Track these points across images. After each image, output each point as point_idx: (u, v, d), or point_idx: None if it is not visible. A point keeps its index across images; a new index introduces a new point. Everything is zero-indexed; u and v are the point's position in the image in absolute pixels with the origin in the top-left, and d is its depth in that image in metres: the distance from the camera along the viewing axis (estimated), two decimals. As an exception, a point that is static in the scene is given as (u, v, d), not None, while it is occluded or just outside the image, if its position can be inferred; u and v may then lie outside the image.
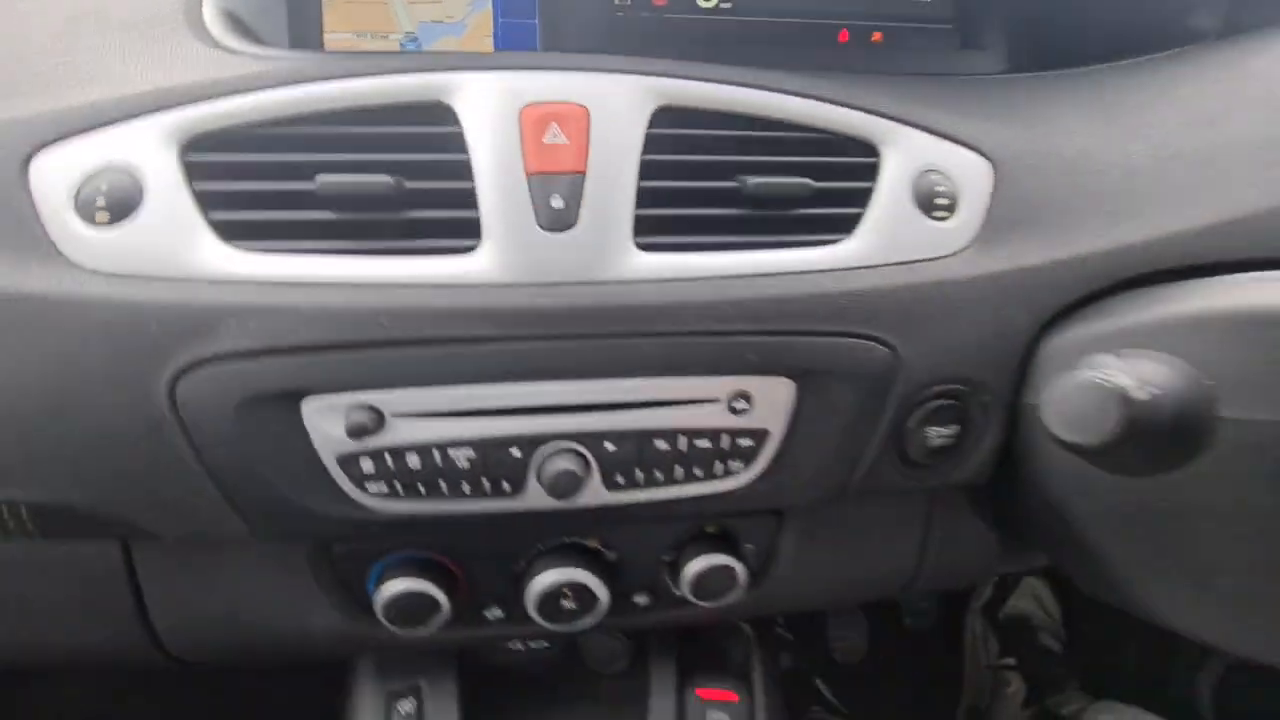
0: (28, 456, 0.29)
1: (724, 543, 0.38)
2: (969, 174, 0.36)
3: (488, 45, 0.49)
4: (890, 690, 0.87)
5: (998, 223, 0.35)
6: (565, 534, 0.37)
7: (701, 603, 0.38)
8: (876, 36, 0.52)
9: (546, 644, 0.46)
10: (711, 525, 0.38)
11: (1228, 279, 0.32)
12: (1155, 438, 0.22)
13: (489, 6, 0.49)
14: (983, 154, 0.36)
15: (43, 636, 0.35)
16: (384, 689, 0.43)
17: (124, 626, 0.35)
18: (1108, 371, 0.23)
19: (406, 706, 0.42)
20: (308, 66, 0.33)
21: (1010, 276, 0.34)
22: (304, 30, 0.46)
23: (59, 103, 0.32)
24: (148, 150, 0.30)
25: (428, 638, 0.38)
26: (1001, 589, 0.91)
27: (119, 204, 0.30)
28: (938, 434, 0.35)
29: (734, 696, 0.45)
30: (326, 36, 0.47)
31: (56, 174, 0.30)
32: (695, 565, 0.37)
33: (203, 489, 0.30)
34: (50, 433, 0.29)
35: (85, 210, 0.29)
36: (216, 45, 0.37)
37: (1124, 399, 0.22)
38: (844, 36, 0.52)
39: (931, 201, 0.35)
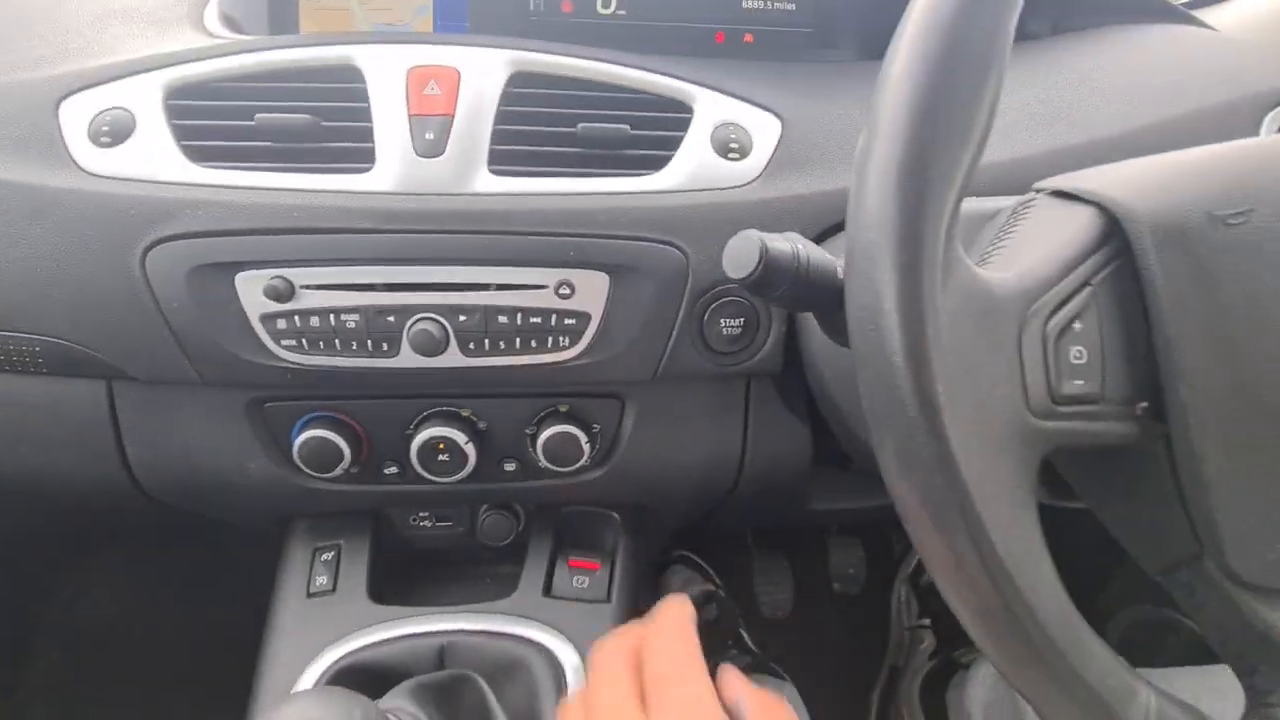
0: (45, 304, 0.41)
1: (575, 420, 0.48)
2: (761, 127, 0.46)
3: (429, 28, 0.61)
4: (815, 646, 0.93)
5: (780, 164, 0.45)
6: (437, 402, 0.47)
7: (556, 468, 0.48)
8: (748, 38, 0.63)
9: (450, 523, 0.56)
10: (564, 405, 0.48)
11: None
12: (785, 274, 0.31)
13: (429, 13, 0.61)
14: (774, 113, 0.47)
15: (39, 464, 0.47)
16: (311, 544, 0.53)
17: (105, 459, 0.46)
18: (762, 236, 0.33)
19: (326, 556, 0.52)
20: (260, 43, 0.45)
21: (784, 202, 0.44)
22: (283, 24, 0.59)
23: (86, 64, 0.44)
24: (141, 96, 0.42)
25: (336, 490, 0.49)
26: (926, 558, 0.97)
27: (118, 133, 0.42)
28: (728, 325, 0.44)
29: (596, 565, 0.54)
30: (302, 22, 0.60)
31: (77, 112, 0.42)
32: (546, 432, 0.47)
33: (164, 338, 0.41)
34: (61, 286, 0.40)
35: (94, 137, 0.42)
36: (209, 35, 0.50)
37: (764, 245, 0.32)
38: (720, 38, 0.63)
39: (726, 147, 0.45)
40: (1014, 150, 0.48)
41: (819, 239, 0.44)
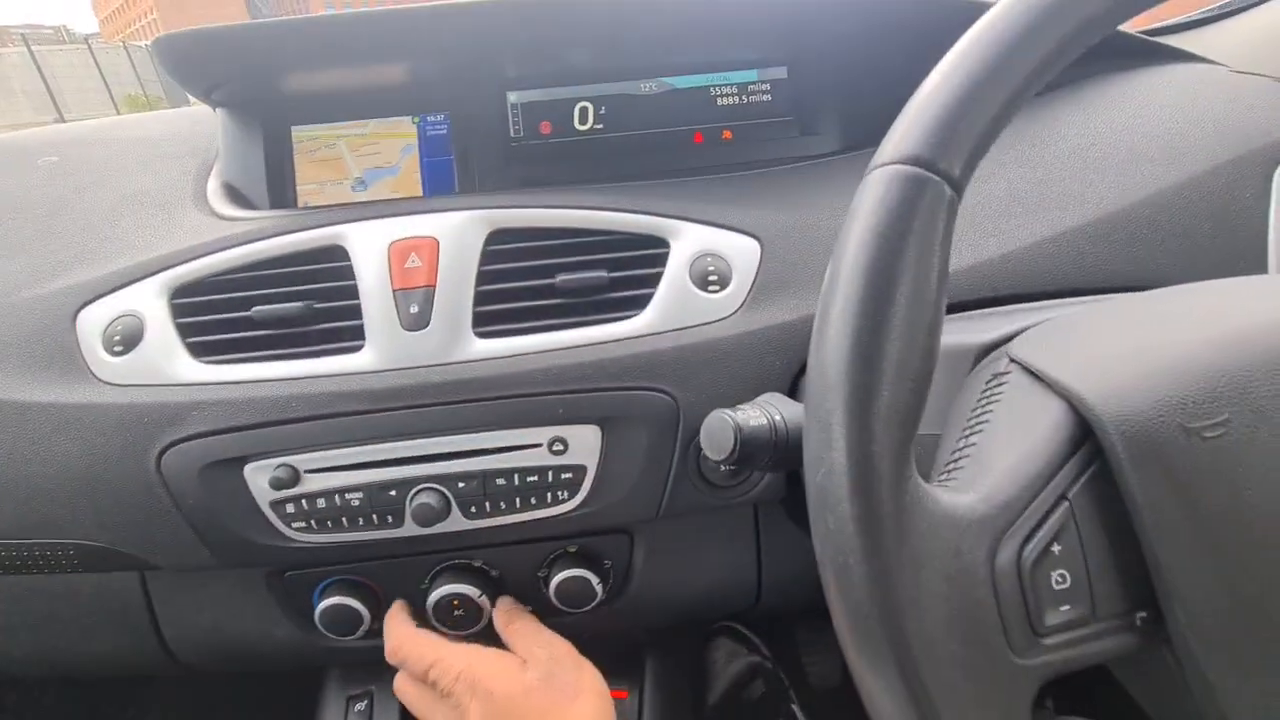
0: (74, 512, 0.43)
1: (585, 560, 0.48)
2: (739, 253, 0.46)
3: (416, 181, 0.64)
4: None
5: (762, 289, 0.45)
6: (449, 556, 0.47)
7: (570, 610, 0.48)
8: (726, 135, 0.63)
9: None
10: (574, 546, 0.48)
11: None
12: (763, 446, 0.31)
13: (415, 152, 0.64)
14: (753, 235, 0.46)
15: (76, 649, 0.49)
16: (345, 693, 0.54)
17: (143, 639, 0.48)
18: (734, 410, 0.33)
19: (360, 706, 0.53)
20: (253, 229, 0.47)
21: (769, 332, 0.44)
22: (280, 188, 0.61)
23: (100, 272, 0.47)
24: (148, 301, 0.45)
25: (361, 647, 0.50)
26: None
27: (128, 339, 0.44)
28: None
29: (624, 694, 0.53)
30: (299, 187, 0.63)
31: (91, 322, 0.45)
32: (557, 578, 0.47)
33: (182, 530, 0.43)
34: (86, 494, 0.43)
35: (108, 345, 0.44)
36: (211, 213, 0.53)
37: (737, 426, 0.31)
38: (698, 138, 0.63)
39: (705, 280, 0.45)
40: (1003, 245, 0.46)
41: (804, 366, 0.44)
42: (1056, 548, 0.23)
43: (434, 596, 0.46)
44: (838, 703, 0.92)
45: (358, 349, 0.43)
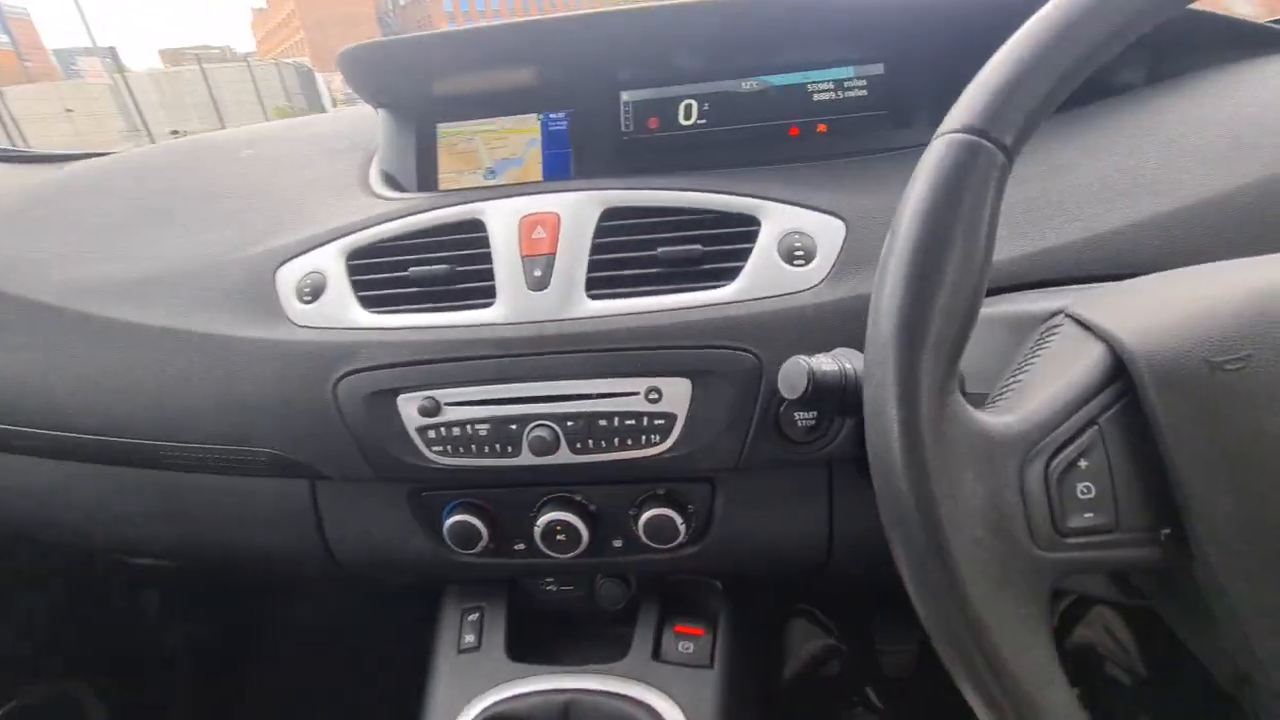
0: (269, 425, 0.54)
1: (672, 502, 0.54)
2: (825, 231, 0.50)
3: (538, 170, 0.72)
4: (940, 710, 0.89)
5: (845, 265, 0.49)
6: (555, 490, 0.55)
7: (655, 546, 0.54)
8: (821, 128, 0.67)
9: (571, 587, 0.64)
10: (662, 489, 0.54)
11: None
12: (833, 391, 0.35)
13: (538, 145, 0.72)
14: (838, 216, 0.51)
15: (254, 544, 0.61)
16: (460, 606, 0.63)
17: (309, 539, 0.59)
18: (811, 357, 0.37)
19: (472, 617, 0.62)
20: (409, 206, 0.57)
21: (848, 302, 0.48)
22: (427, 175, 0.72)
23: (293, 238, 0.59)
24: (330, 261, 0.56)
25: (479, 563, 0.58)
26: (1069, 618, 0.90)
27: (315, 291, 0.55)
28: (802, 418, 0.48)
29: (700, 632, 0.59)
30: (440, 175, 0.73)
31: (287, 277, 0.56)
32: (647, 514, 0.53)
33: (348, 446, 0.53)
34: (279, 412, 0.54)
35: (299, 295, 0.55)
36: (373, 194, 0.63)
37: (810, 370, 0.36)
38: (794, 132, 0.68)
39: (791, 255, 0.50)
40: (1089, 228, 0.48)
41: None
42: (1084, 463, 0.26)
43: (541, 522, 0.54)
44: (910, 692, 0.93)
45: (489, 304, 0.52)
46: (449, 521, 0.55)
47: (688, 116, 0.69)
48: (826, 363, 0.37)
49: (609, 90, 0.69)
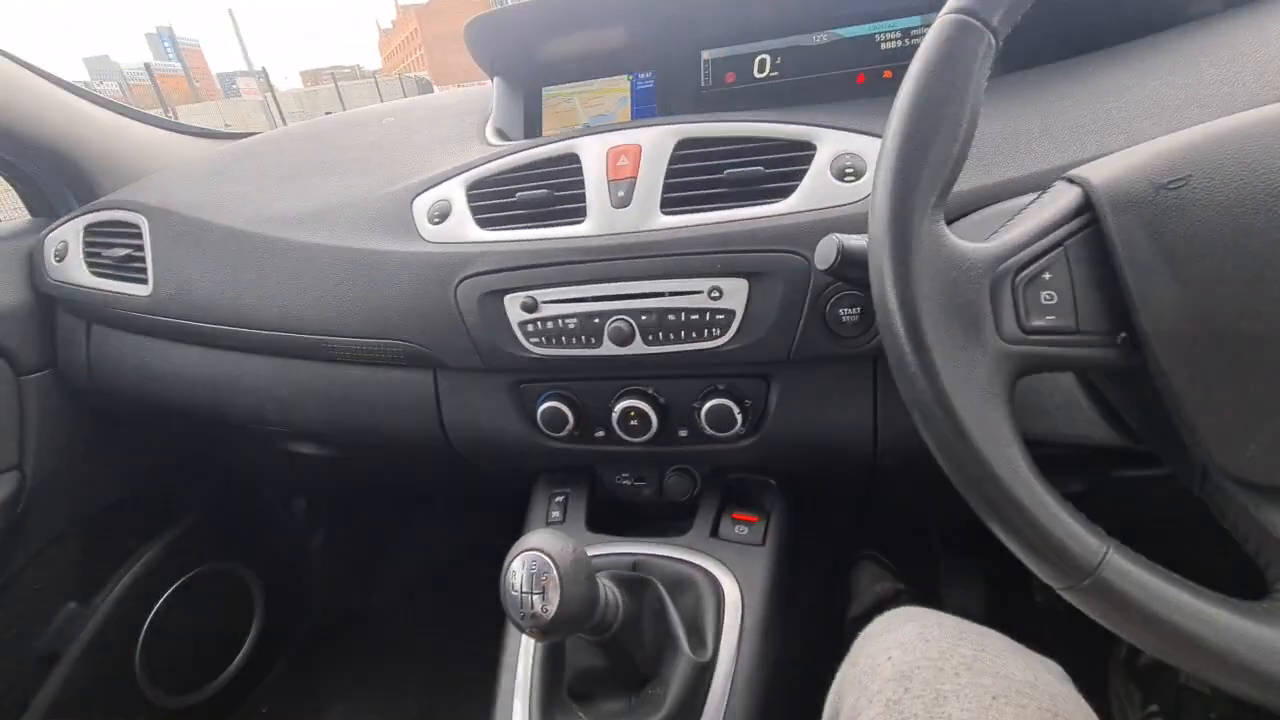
0: (406, 321, 0.67)
1: (731, 395, 0.62)
2: (875, 151, 0.56)
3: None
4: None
5: None
6: (630, 383, 0.64)
7: (717, 434, 0.62)
8: (887, 74, 0.72)
9: (644, 482, 0.73)
10: (722, 384, 0.62)
11: None
12: (858, 264, 0.42)
13: (629, 104, 0.82)
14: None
15: (387, 425, 0.74)
16: (549, 491, 0.74)
17: (430, 423, 0.72)
18: (840, 236, 0.43)
19: (559, 498, 0.72)
20: (518, 146, 0.68)
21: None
22: (533, 131, 0.84)
23: (425, 175, 0.72)
24: (454, 191, 0.68)
25: (566, 448, 0.68)
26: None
27: (442, 214, 0.67)
28: (847, 313, 0.55)
29: (754, 519, 0.66)
30: (545, 130, 0.85)
31: (421, 204, 0.69)
32: (708, 404, 0.61)
33: (465, 340, 0.65)
34: (414, 310, 0.66)
35: (430, 218, 0.68)
36: (488, 144, 0.76)
37: (840, 244, 0.42)
38: (860, 79, 0.73)
39: (843, 173, 0.56)
40: (1131, 138, 0.51)
41: None
42: (1048, 275, 0.31)
43: (617, 409, 0.63)
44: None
45: (581, 221, 0.62)
46: (542, 408, 0.66)
47: (761, 70, 0.77)
48: (856, 240, 0.44)
49: (691, 49, 0.78)
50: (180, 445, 1.07)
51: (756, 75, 0.77)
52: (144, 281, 0.81)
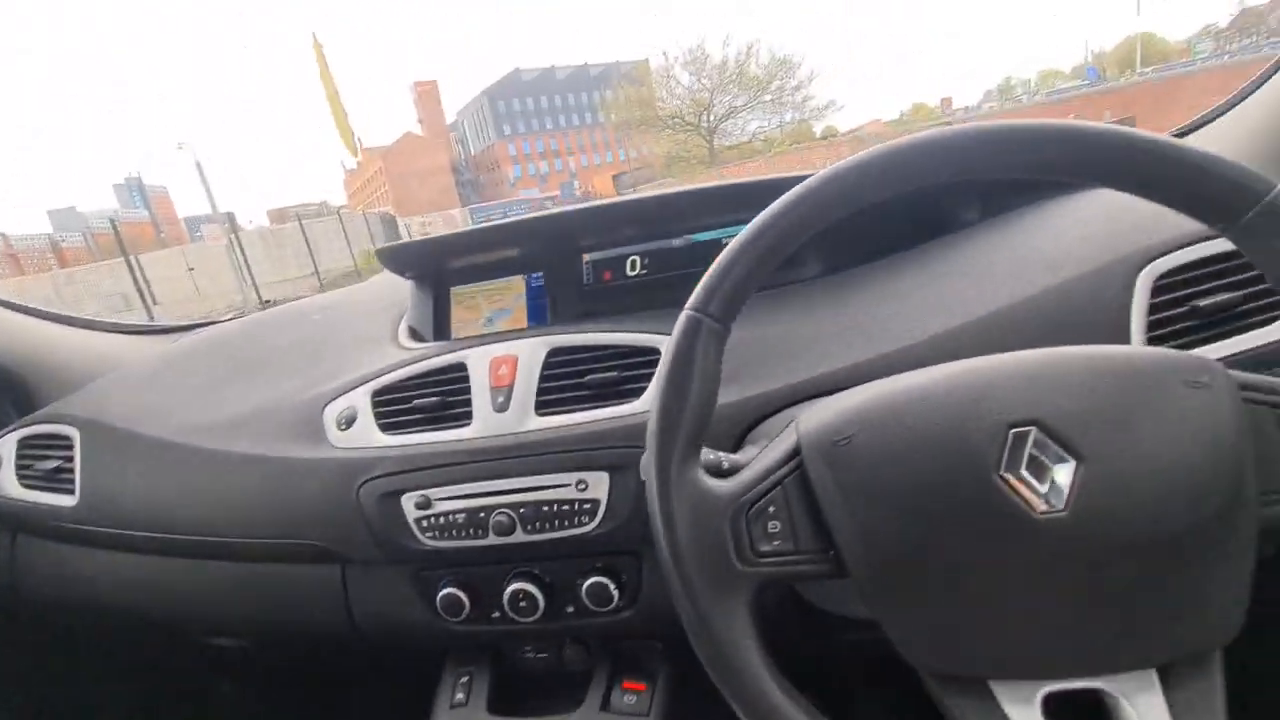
0: (314, 524, 0.73)
1: (608, 573, 0.68)
2: (707, 356, 0.67)
3: (524, 316, 0.94)
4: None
5: (723, 380, 0.65)
6: (518, 566, 0.70)
7: (596, 609, 0.68)
8: (733, 271, 0.86)
9: (545, 655, 0.77)
10: (600, 562, 0.69)
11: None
12: None
13: (524, 299, 0.94)
14: None
15: (296, 620, 0.78)
16: (455, 670, 0.77)
17: (340, 616, 0.76)
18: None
19: (464, 678, 0.76)
20: (417, 355, 0.78)
21: (723, 409, 0.63)
22: (441, 326, 0.95)
23: (338, 383, 0.81)
24: (361, 399, 0.77)
25: (465, 630, 0.73)
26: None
27: (349, 421, 0.76)
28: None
29: (643, 687, 0.70)
30: (452, 325, 0.96)
31: (331, 411, 0.77)
32: (587, 582, 0.68)
33: (368, 536, 0.71)
34: (320, 513, 0.73)
35: (339, 424, 0.76)
36: (400, 346, 0.86)
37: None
38: (713, 275, 0.87)
39: (681, 374, 0.67)
40: (900, 341, 0.63)
41: (744, 433, 0.63)
42: (772, 508, 0.40)
43: (508, 592, 0.69)
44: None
45: (468, 424, 0.71)
46: (440, 594, 0.71)
47: (633, 269, 0.90)
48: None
49: (574, 254, 0.92)
50: (100, 650, 1.06)
51: (629, 273, 0.90)
52: (70, 493, 0.86)
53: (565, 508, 0.66)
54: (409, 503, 0.70)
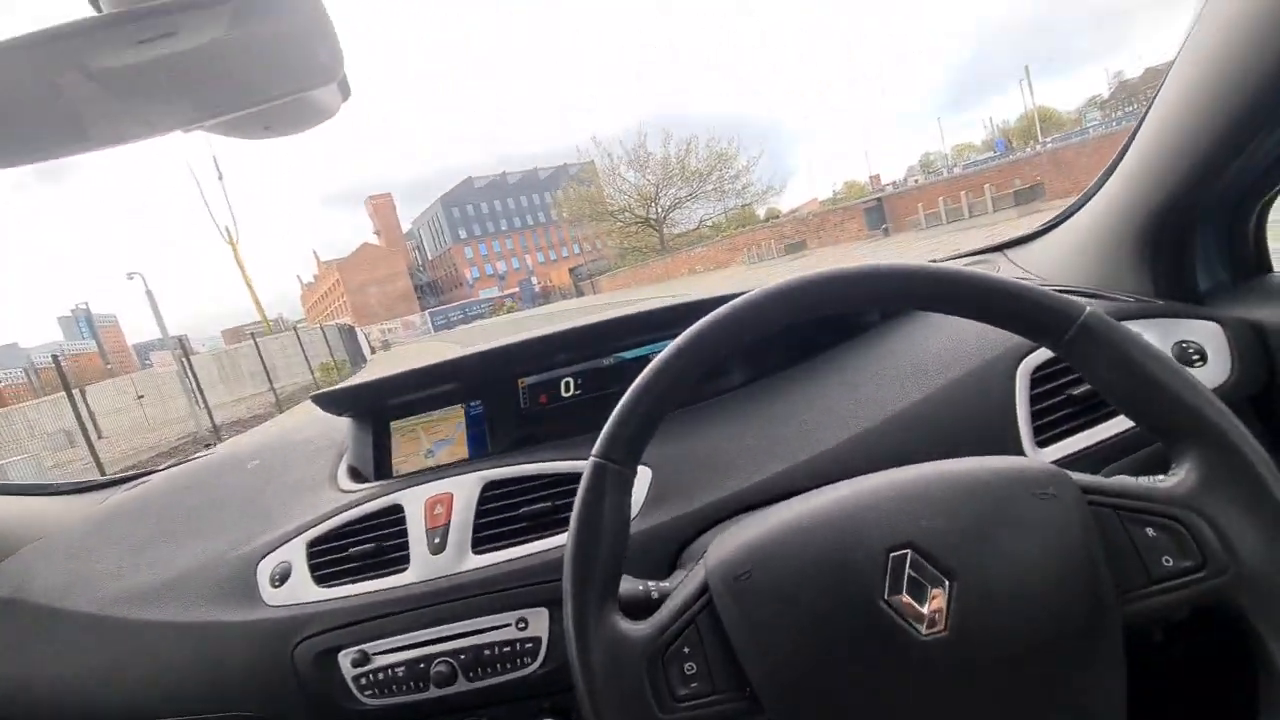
0: (246, 692, 0.70)
1: (558, 712, 0.67)
2: (639, 478, 0.69)
3: (464, 444, 0.95)
4: None
5: (652, 502, 0.67)
6: (464, 715, 0.68)
7: None
8: (663, 385, 0.90)
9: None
10: (547, 702, 0.67)
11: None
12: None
13: (464, 428, 0.96)
14: (647, 465, 0.70)
15: None
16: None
17: None
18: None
19: None
20: (354, 499, 0.78)
21: (657, 529, 0.65)
22: (382, 461, 0.95)
23: (272, 536, 0.79)
24: (295, 552, 0.76)
25: None
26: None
27: (283, 576, 0.74)
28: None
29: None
30: (394, 460, 0.96)
31: (264, 567, 0.76)
32: (537, 729, 0.66)
33: (302, 700, 0.68)
34: (253, 678, 0.70)
35: (272, 581, 0.74)
36: (338, 489, 0.85)
37: None
38: (643, 390, 0.90)
39: (613, 499, 0.68)
40: (821, 445, 0.66)
41: (678, 552, 0.64)
42: (687, 649, 0.41)
43: None
44: None
45: (405, 568, 0.70)
46: None
47: (567, 390, 0.93)
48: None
49: (511, 380, 0.94)
50: None
51: (564, 394, 0.93)
52: None
53: (507, 649, 0.65)
54: (345, 660, 0.68)
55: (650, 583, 0.49)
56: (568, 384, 0.93)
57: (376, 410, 0.96)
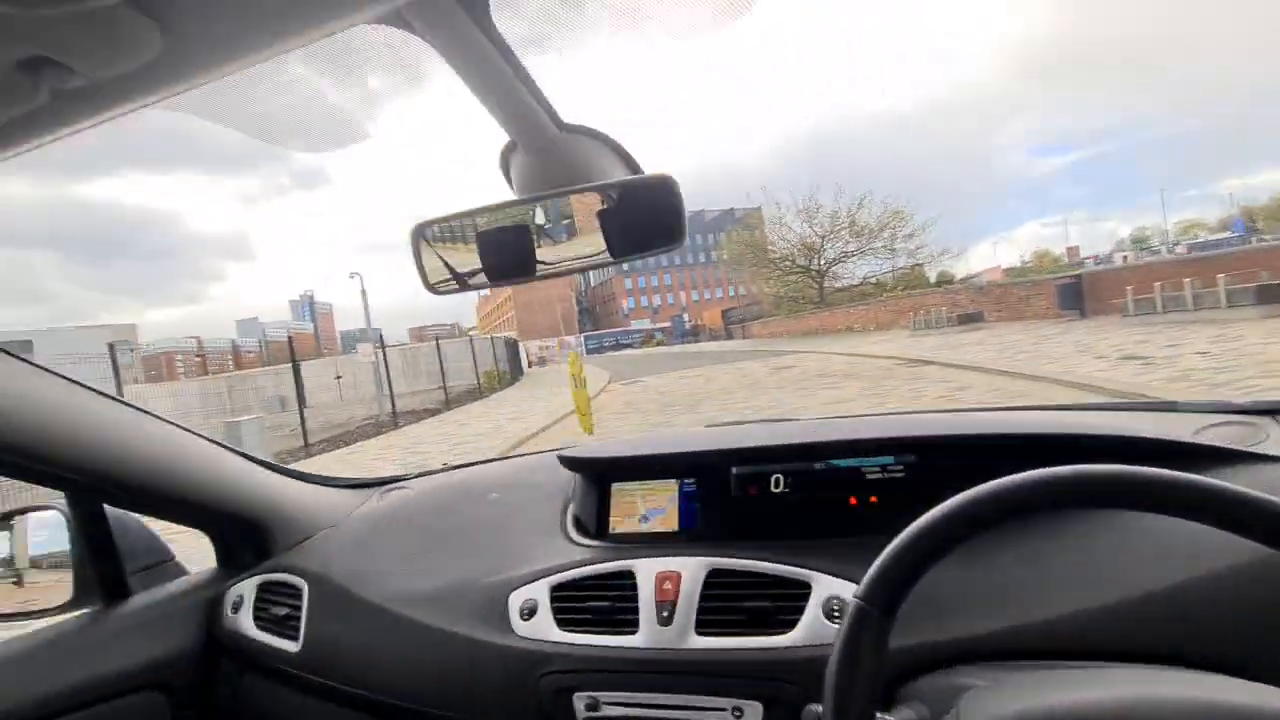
0: (490, 707, 0.84)
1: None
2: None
3: (675, 517, 1.05)
4: None
5: None
6: None
7: None
8: (873, 499, 0.94)
9: None
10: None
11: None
12: None
13: (676, 502, 1.06)
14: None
15: None
16: None
17: None
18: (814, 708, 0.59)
19: None
20: (591, 556, 0.91)
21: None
22: (603, 519, 1.08)
23: (521, 572, 0.94)
24: (541, 592, 0.90)
25: None
26: None
27: (531, 611, 0.88)
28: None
29: None
30: (611, 518, 1.09)
31: (515, 601, 0.91)
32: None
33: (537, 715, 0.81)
34: (503, 696, 0.83)
35: (520, 614, 0.89)
36: (569, 540, 0.99)
37: (816, 715, 0.58)
38: (853, 501, 0.95)
39: (831, 614, 0.74)
40: (1054, 607, 0.67)
41: (892, 683, 0.68)
42: None
43: None
44: None
45: (633, 632, 0.81)
46: None
47: (777, 486, 1.00)
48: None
49: (724, 467, 1.04)
50: None
51: (773, 490, 1.00)
52: (295, 639, 1.03)
53: (722, 733, 0.73)
54: (580, 702, 0.79)
55: (889, 716, 0.54)
56: (778, 480, 1.00)
57: (604, 472, 1.10)
